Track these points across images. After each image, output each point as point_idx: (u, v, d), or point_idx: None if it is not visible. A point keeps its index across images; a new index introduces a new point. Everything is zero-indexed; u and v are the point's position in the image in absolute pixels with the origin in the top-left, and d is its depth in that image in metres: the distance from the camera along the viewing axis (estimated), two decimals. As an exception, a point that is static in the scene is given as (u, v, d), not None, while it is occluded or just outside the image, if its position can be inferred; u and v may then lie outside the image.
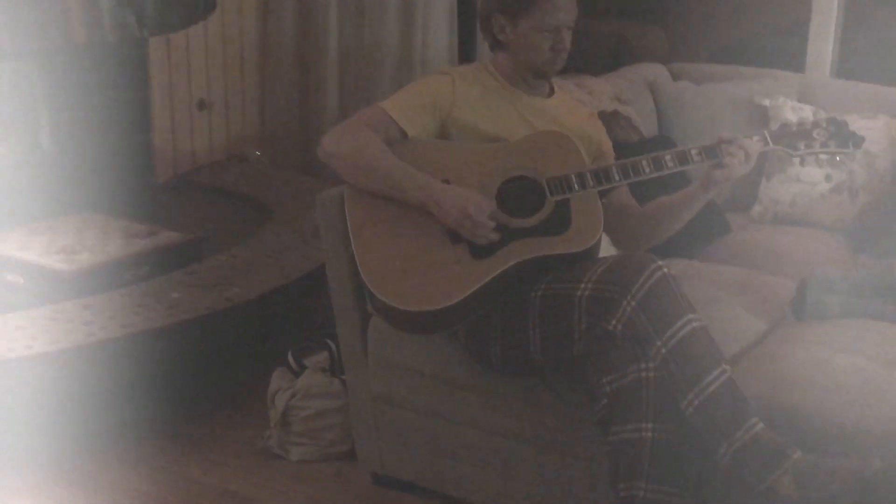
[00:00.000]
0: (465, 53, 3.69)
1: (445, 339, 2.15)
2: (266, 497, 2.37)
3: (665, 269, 1.88)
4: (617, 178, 2.03)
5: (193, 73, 3.68)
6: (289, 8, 3.70)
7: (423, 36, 3.57)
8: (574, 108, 2.28)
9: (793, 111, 2.87)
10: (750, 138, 2.03)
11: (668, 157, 2.03)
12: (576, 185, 2.01)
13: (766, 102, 2.94)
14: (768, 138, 2.05)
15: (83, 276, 2.63)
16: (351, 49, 3.68)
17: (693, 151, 2.03)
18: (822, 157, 2.05)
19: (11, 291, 2.64)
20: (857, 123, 2.80)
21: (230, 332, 2.67)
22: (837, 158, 2.07)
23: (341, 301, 2.25)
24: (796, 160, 2.10)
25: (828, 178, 2.78)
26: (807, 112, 2.86)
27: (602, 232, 2.02)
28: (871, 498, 1.72)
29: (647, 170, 2.03)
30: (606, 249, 2.15)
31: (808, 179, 2.82)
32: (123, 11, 2.81)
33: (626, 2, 4.63)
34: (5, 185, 2.99)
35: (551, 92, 2.24)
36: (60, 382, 2.37)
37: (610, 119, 2.64)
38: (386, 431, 2.31)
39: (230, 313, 2.59)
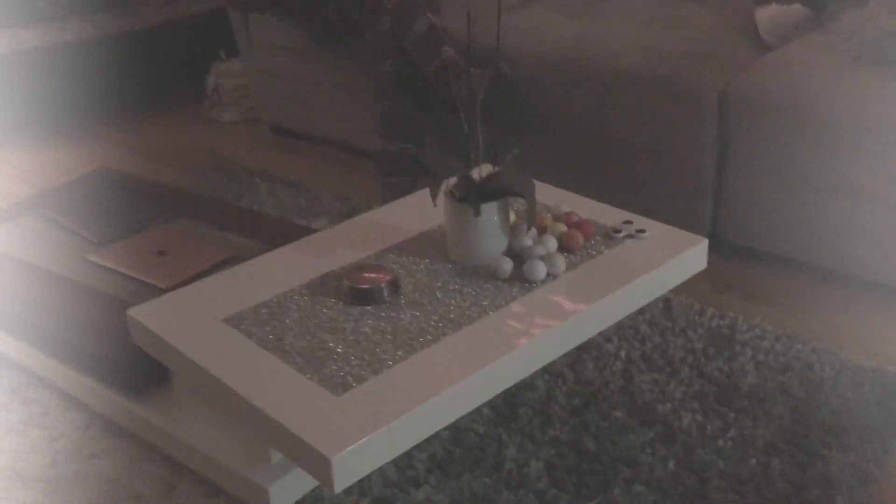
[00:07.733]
0: None
1: (294, 24, 3.13)
2: (207, 142, 3.46)
3: None
4: None
5: None
6: None
7: None
8: None
9: None
10: None
11: None
12: None
13: None
14: None
15: None
16: None
17: None
18: None
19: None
20: None
21: (183, 40, 3.71)
22: None
23: None
24: None
25: None
26: None
27: None
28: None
29: None
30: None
31: None
32: None
33: None
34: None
35: None
36: (66, 70, 3.50)
37: None
38: (271, 99, 3.36)
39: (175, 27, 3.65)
